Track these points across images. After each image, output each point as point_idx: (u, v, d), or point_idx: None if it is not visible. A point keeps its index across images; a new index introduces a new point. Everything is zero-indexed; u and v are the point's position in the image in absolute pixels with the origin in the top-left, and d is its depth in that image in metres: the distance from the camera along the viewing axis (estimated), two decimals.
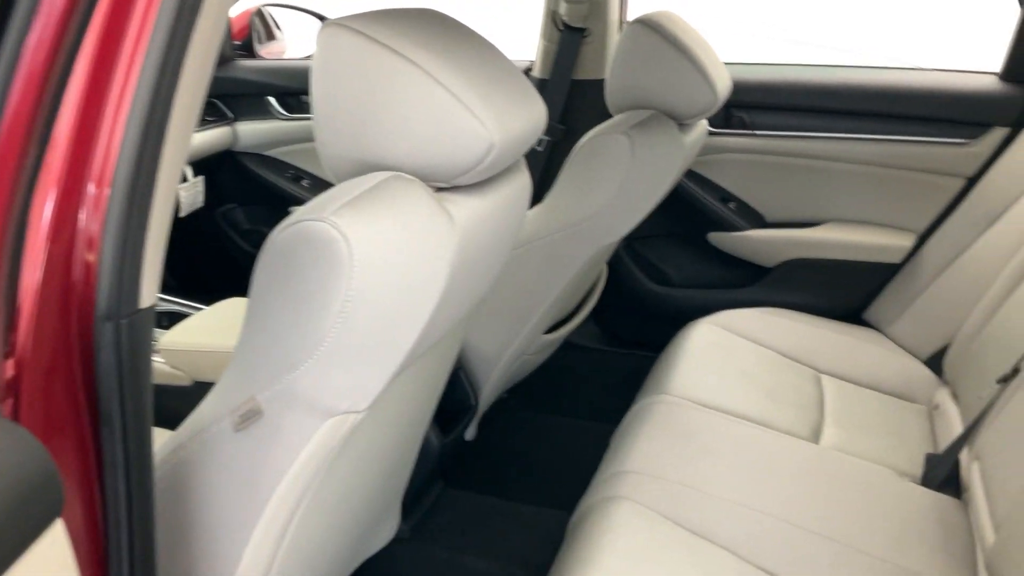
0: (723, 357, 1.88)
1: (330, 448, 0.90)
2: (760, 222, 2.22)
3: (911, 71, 2.13)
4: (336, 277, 0.79)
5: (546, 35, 2.19)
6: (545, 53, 2.20)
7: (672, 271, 2.31)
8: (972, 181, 2.03)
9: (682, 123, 1.69)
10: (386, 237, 0.82)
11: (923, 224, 2.09)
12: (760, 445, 1.56)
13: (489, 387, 1.72)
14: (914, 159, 2.06)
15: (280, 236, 0.81)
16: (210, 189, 2.49)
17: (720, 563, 1.24)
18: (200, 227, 2.54)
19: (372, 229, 0.81)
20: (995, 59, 2.10)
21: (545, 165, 2.27)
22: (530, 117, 0.98)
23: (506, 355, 1.70)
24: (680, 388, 1.72)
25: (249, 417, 0.88)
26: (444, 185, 0.94)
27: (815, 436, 1.67)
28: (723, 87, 1.69)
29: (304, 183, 2.55)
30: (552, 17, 2.16)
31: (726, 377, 1.80)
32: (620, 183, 1.58)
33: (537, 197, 2.07)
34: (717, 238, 2.24)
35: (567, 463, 1.97)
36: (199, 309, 1.89)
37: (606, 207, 1.60)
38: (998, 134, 2.00)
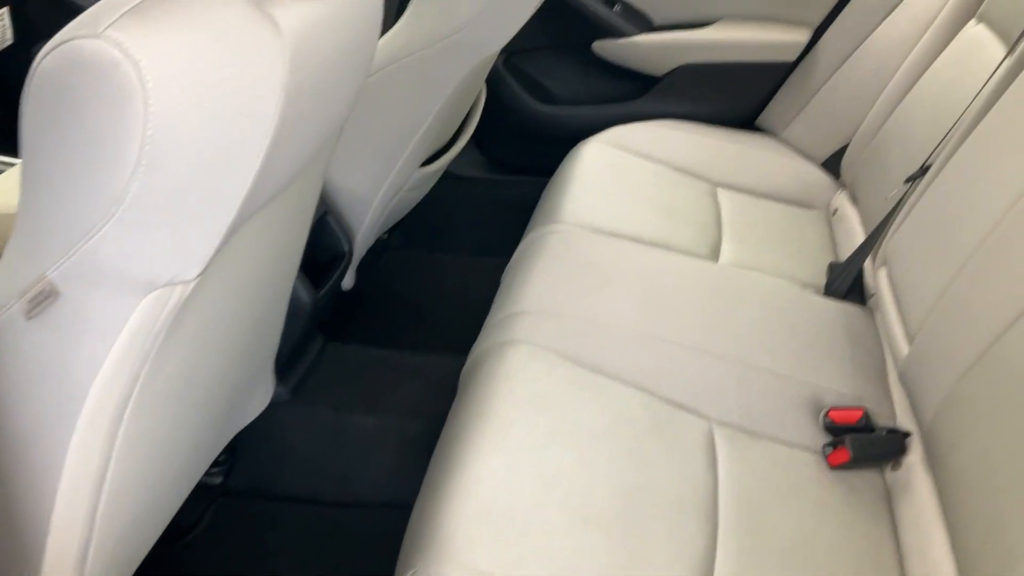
0: (616, 177, 1.75)
1: (155, 328, 0.73)
2: (648, 26, 2.04)
3: None
4: (127, 112, 0.60)
5: None
6: None
7: (556, 87, 2.13)
8: None
9: None
10: (190, 54, 0.62)
11: (818, 17, 1.95)
12: (659, 270, 1.46)
13: (364, 230, 1.55)
14: None
15: (46, 63, 0.60)
16: (20, 23, 2.13)
17: (626, 401, 1.15)
18: (14, 68, 2.19)
19: (169, 44, 0.61)
20: None
21: None
22: None
23: (380, 194, 1.52)
24: (573, 215, 1.59)
25: (41, 300, 0.69)
26: None
27: (714, 254, 1.58)
28: None
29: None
30: None
31: (620, 199, 1.67)
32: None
33: (400, 10, 1.83)
34: (602, 47, 2.06)
35: (457, 305, 1.84)
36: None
37: (479, 15, 1.40)
38: None
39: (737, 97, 2.04)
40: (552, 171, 1.84)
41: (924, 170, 1.40)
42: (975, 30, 1.55)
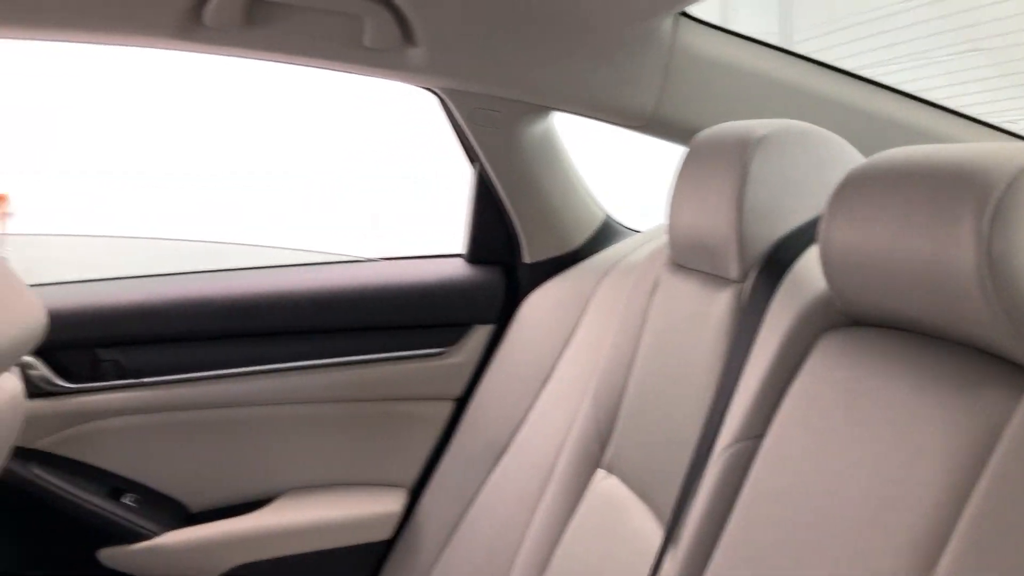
0: None
1: None
2: (181, 517, 1.42)
3: (352, 263, 1.58)
4: None
5: None
6: None
7: None
8: (462, 402, 1.48)
9: None
10: None
11: (411, 476, 1.47)
12: None
13: None
14: (381, 385, 1.46)
15: None
16: None
17: None
18: None
19: None
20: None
21: None
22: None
23: None
24: None
25: None
26: None
27: None
28: (11, 324, 0.92)
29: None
30: None
31: None
32: None
33: None
34: (114, 556, 1.38)
35: None
36: None
37: None
38: (480, 335, 1.49)
39: None
40: None
41: None
42: (606, 483, 1.13)
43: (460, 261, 1.55)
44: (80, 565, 1.38)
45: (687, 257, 1.07)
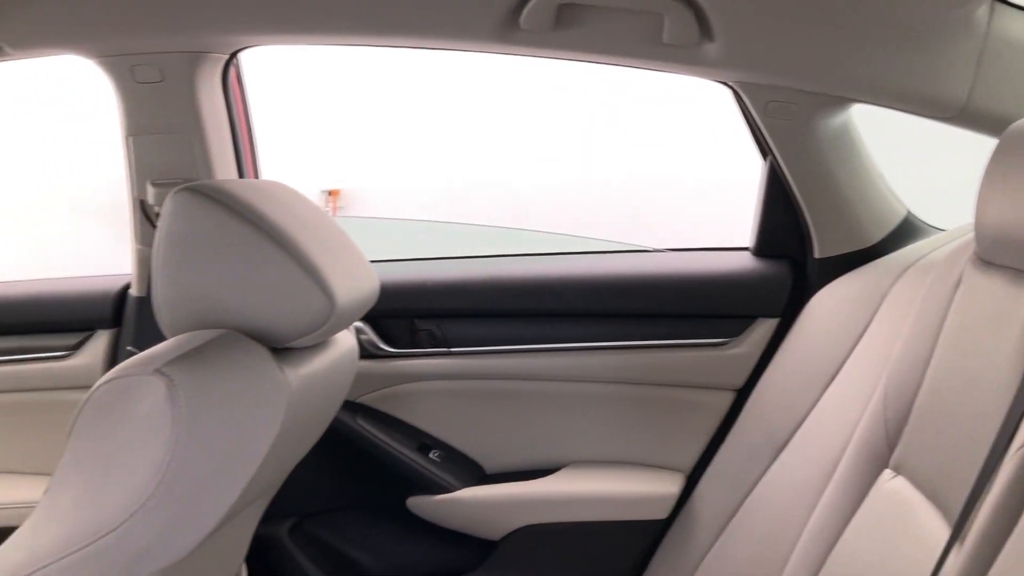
0: None
1: None
2: (477, 475, 1.56)
3: (642, 253, 1.64)
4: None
5: (141, 237, 1.52)
6: (144, 261, 1.53)
7: (365, 557, 1.59)
8: (743, 393, 1.50)
9: (281, 347, 1.04)
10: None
11: (689, 460, 1.51)
12: None
13: None
14: (664, 371, 1.51)
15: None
16: None
17: None
18: None
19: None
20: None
21: None
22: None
23: None
24: None
25: None
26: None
27: None
28: (354, 289, 1.08)
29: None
30: (142, 209, 1.50)
31: None
32: (161, 459, 0.88)
33: None
34: (420, 504, 1.56)
35: None
36: None
37: (143, 510, 0.89)
38: (764, 328, 1.49)
39: (601, 565, 1.52)
40: None
41: None
42: (893, 484, 1.10)
43: (747, 254, 1.56)
44: (391, 509, 1.57)
45: (994, 252, 1.02)
